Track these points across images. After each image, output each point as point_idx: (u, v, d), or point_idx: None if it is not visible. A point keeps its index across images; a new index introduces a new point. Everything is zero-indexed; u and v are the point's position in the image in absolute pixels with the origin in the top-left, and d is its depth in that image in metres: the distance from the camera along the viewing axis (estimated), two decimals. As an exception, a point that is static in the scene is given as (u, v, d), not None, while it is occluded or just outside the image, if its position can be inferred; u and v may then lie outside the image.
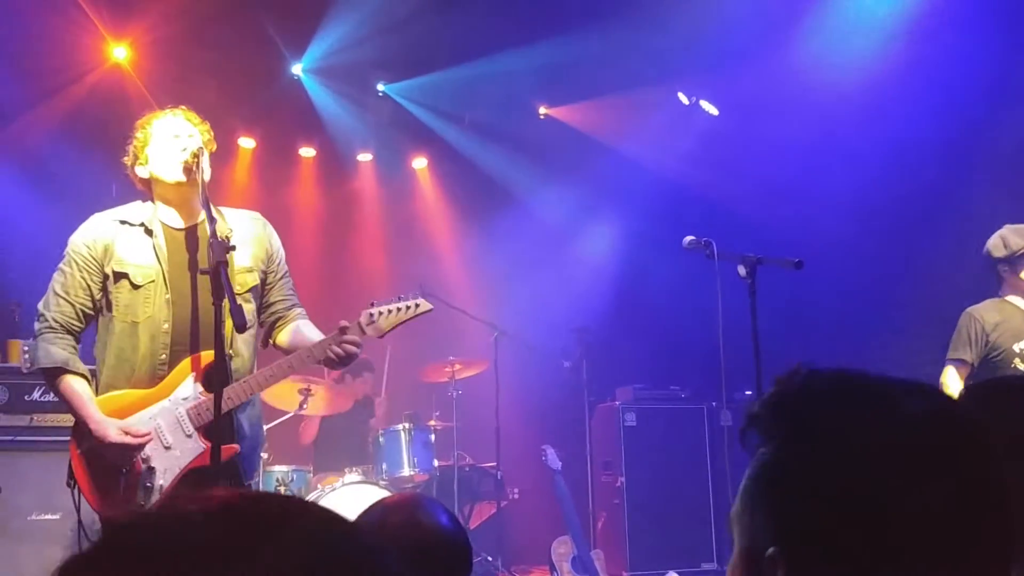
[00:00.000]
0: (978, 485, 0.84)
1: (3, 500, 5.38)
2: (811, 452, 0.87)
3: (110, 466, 3.23)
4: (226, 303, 2.99)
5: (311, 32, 7.55)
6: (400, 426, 6.75)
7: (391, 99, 8.45)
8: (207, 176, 3.36)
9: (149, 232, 3.37)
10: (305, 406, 6.56)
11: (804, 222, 6.90)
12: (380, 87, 8.39)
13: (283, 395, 6.49)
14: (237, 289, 3.34)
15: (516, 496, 7.52)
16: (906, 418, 0.87)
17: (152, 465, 3.24)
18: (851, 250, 6.94)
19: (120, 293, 3.30)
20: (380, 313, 3.48)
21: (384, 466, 6.59)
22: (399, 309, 3.52)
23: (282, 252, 3.67)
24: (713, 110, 8.13)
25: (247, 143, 8.56)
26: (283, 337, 3.57)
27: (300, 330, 3.54)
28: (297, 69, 8.02)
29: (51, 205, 6.71)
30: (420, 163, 9.31)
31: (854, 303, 7.04)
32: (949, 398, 0.92)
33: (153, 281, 3.31)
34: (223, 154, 8.41)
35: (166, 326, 3.29)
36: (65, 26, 6.91)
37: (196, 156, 3.35)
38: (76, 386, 3.28)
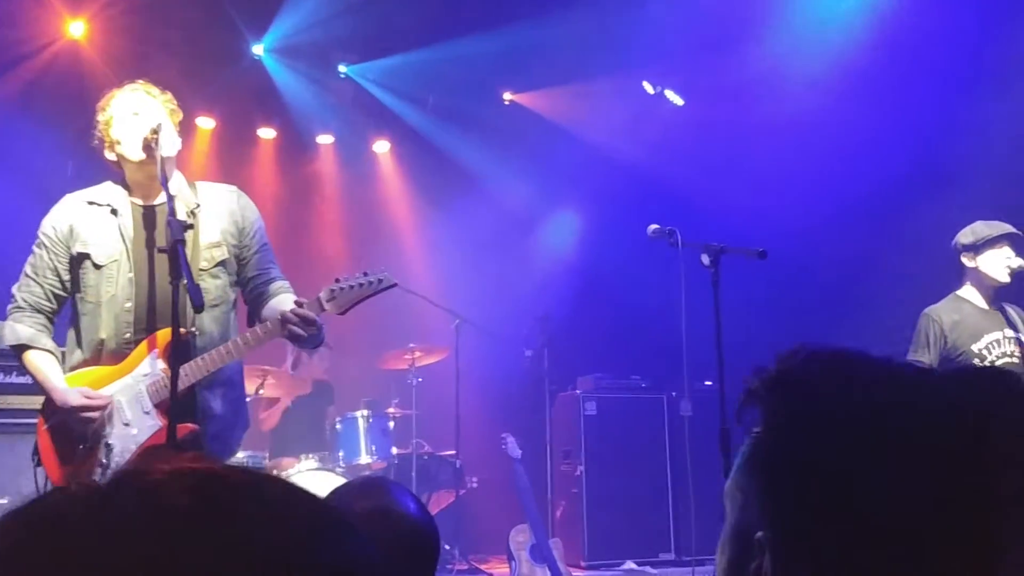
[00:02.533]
0: (986, 478, 0.80)
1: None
2: (807, 435, 0.84)
3: (73, 440, 3.22)
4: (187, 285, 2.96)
5: (272, 12, 7.43)
6: (358, 413, 6.68)
7: (353, 81, 8.35)
8: (177, 146, 3.35)
9: (115, 212, 3.35)
10: (261, 391, 6.46)
11: (768, 213, 6.91)
12: (342, 69, 8.28)
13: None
14: (204, 264, 3.33)
15: (475, 485, 7.48)
16: (911, 404, 0.84)
17: (110, 442, 3.23)
18: (815, 241, 6.97)
19: (86, 274, 3.30)
20: (342, 288, 3.43)
21: (341, 453, 6.52)
22: (361, 284, 3.49)
23: (259, 224, 3.61)
24: (678, 100, 8.13)
25: (206, 123, 8.40)
26: (264, 313, 3.48)
27: (273, 305, 3.47)
28: (258, 49, 7.89)
29: (5, 183, 6.55)
30: (382, 147, 9.21)
31: (817, 294, 7.08)
32: (960, 383, 0.87)
33: (116, 261, 3.29)
34: (182, 134, 8.31)
35: (128, 305, 3.27)
36: (18, 0, 6.74)
37: (155, 132, 3.27)
38: (39, 361, 3.30)
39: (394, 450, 6.76)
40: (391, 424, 6.86)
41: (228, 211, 3.52)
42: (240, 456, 6.08)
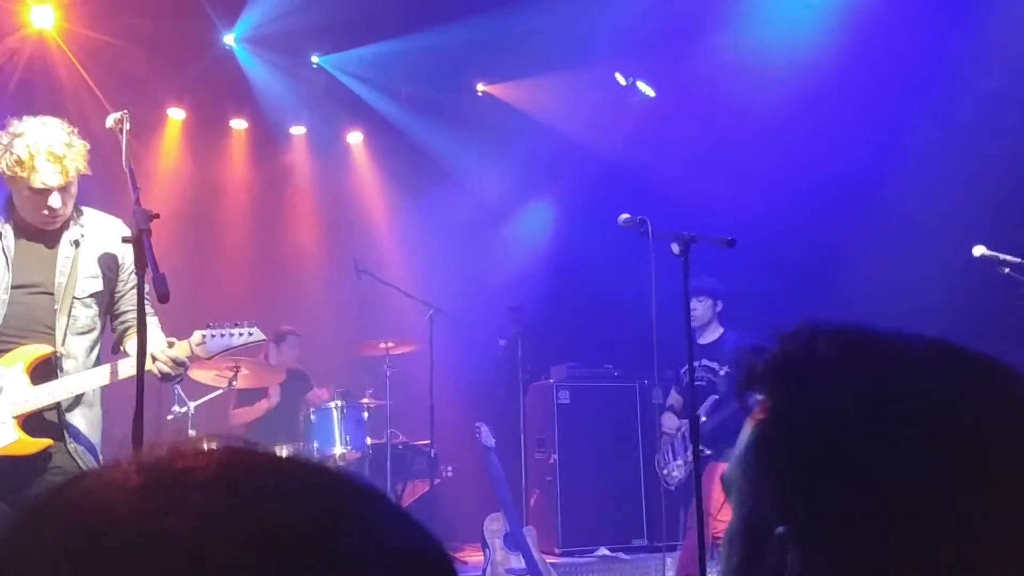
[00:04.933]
0: (1010, 460, 0.76)
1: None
2: (820, 420, 0.79)
3: None
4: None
5: (243, 1, 7.37)
6: (332, 403, 6.68)
7: (326, 71, 8.31)
8: (124, 150, 3.26)
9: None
10: (235, 382, 6.43)
11: (739, 203, 6.97)
12: (315, 59, 8.24)
13: (212, 371, 6.37)
14: (79, 293, 3.43)
15: (449, 474, 7.50)
16: (931, 383, 0.78)
17: None
18: (785, 230, 7.03)
19: None
20: (212, 336, 3.54)
21: (315, 444, 6.52)
22: (232, 335, 3.59)
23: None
24: (650, 91, 8.16)
25: (177, 114, 8.34)
26: (130, 345, 3.52)
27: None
28: (229, 39, 7.82)
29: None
30: (355, 137, 9.18)
31: (787, 282, 7.15)
32: (980, 358, 0.82)
33: None
34: (152, 125, 8.29)
35: None
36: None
37: (119, 122, 3.26)
38: None
39: (368, 440, 6.77)
40: (365, 414, 6.87)
41: (110, 245, 3.54)
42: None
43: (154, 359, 3.32)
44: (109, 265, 3.53)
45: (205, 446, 0.57)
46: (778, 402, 0.82)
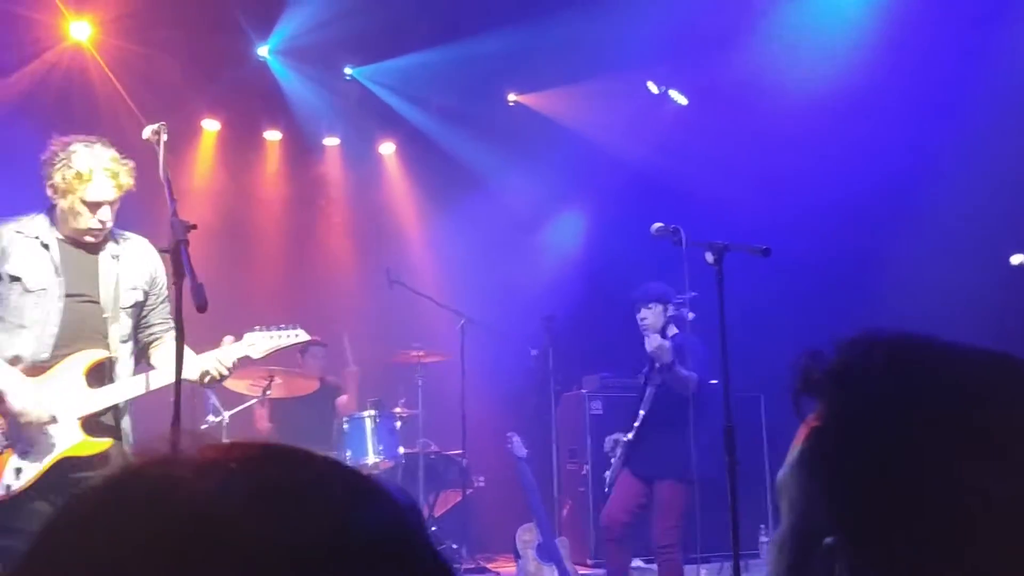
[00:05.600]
0: None
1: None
2: (876, 429, 0.77)
3: None
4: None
5: (277, 13, 7.44)
6: (365, 413, 6.70)
7: (359, 83, 8.36)
8: (161, 161, 3.38)
9: (45, 246, 3.54)
10: (269, 391, 6.47)
11: (773, 211, 6.92)
12: (348, 70, 8.30)
13: (247, 380, 6.41)
14: (124, 303, 3.63)
15: (481, 483, 7.49)
16: (989, 396, 0.77)
17: (28, 448, 3.39)
18: (819, 239, 6.98)
19: (11, 295, 3.47)
20: (262, 337, 3.82)
21: (348, 453, 6.53)
22: (280, 336, 3.89)
23: (164, 279, 3.82)
24: (682, 100, 8.13)
25: (211, 125, 8.43)
26: (157, 356, 3.75)
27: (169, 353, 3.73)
28: (263, 51, 7.90)
29: (8, 188, 6.56)
30: (388, 148, 9.22)
31: (821, 291, 7.09)
32: None
33: (44, 289, 3.48)
34: (187, 136, 8.37)
35: (54, 329, 3.47)
36: (21, 2, 6.76)
37: (157, 132, 3.33)
38: None
39: (401, 449, 6.78)
40: (398, 424, 6.88)
41: (145, 260, 3.76)
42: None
43: (212, 361, 3.57)
44: (144, 280, 3.72)
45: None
46: (834, 410, 0.81)
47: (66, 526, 0.54)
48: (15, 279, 3.46)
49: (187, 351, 3.56)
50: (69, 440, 3.45)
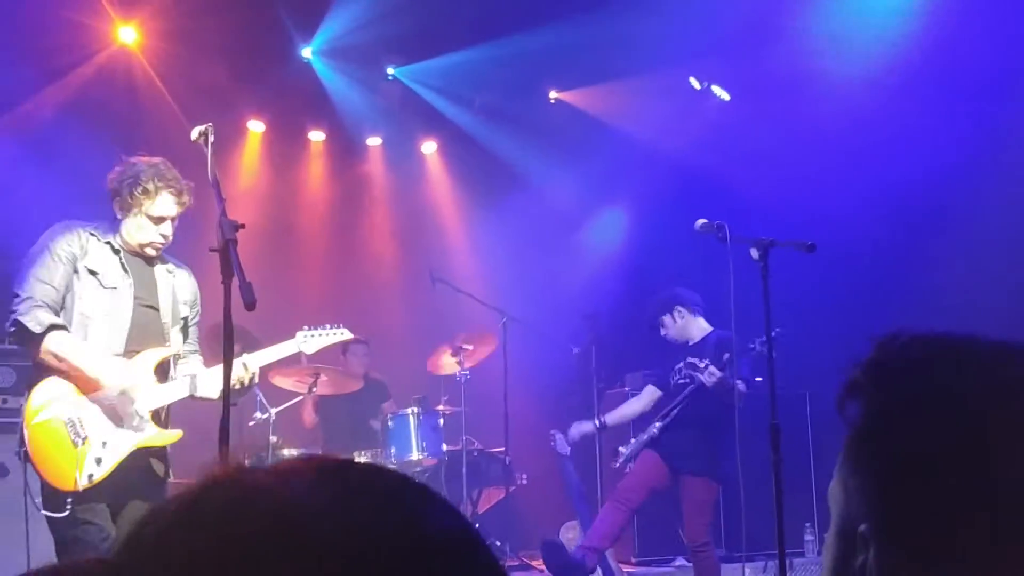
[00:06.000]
0: None
1: (10, 481, 5.38)
2: (908, 424, 0.78)
3: (63, 436, 3.55)
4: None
5: (320, 14, 7.51)
6: (409, 410, 6.74)
7: (401, 82, 8.41)
8: (209, 162, 3.49)
9: (116, 251, 3.82)
10: (315, 388, 6.54)
11: (817, 207, 6.84)
12: (390, 70, 8.34)
13: (293, 378, 6.49)
14: (182, 312, 3.98)
15: (524, 481, 7.50)
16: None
17: (105, 440, 3.59)
18: (864, 235, 6.89)
19: (86, 290, 3.69)
20: (312, 335, 4.25)
21: (393, 450, 6.58)
22: (326, 334, 4.30)
23: (199, 307, 4.18)
24: (725, 95, 8.07)
25: (256, 126, 8.52)
26: (182, 369, 4.01)
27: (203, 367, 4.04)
28: (307, 52, 7.97)
29: (58, 188, 6.69)
30: (430, 147, 9.26)
31: (867, 288, 7.00)
32: None
33: (116, 288, 3.74)
34: (232, 137, 8.47)
35: (127, 325, 3.74)
36: (72, 6, 6.88)
37: (204, 133, 3.42)
38: (75, 342, 3.62)
39: (444, 447, 6.81)
40: (441, 421, 6.91)
41: (191, 282, 4.11)
42: (293, 452, 6.18)
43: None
44: (190, 300, 4.07)
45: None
46: (871, 405, 0.82)
47: (151, 535, 0.56)
48: (93, 273, 3.70)
49: (204, 368, 3.93)
50: (145, 431, 3.70)
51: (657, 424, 5.65)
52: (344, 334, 4.36)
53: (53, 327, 3.60)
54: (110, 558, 0.57)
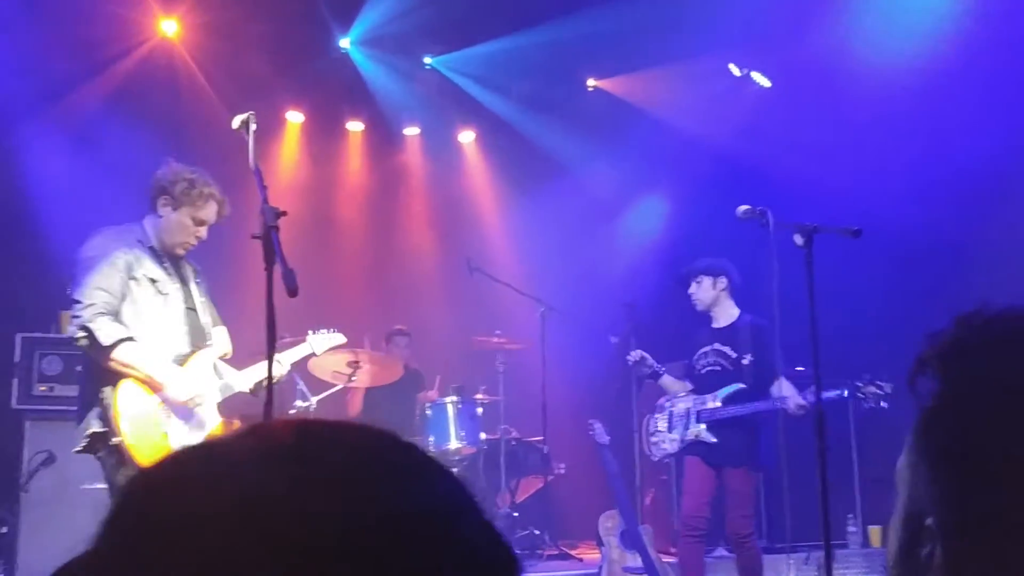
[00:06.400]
0: None
1: (58, 469, 5.46)
2: (986, 411, 0.74)
3: (156, 429, 3.69)
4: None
5: (358, 5, 7.52)
6: (447, 399, 6.76)
7: (438, 72, 8.40)
8: (251, 150, 3.52)
9: (159, 256, 3.92)
10: (354, 378, 6.57)
11: (860, 194, 6.75)
12: (427, 60, 8.34)
13: (332, 368, 6.52)
14: (210, 311, 4.11)
15: (562, 470, 7.49)
16: None
17: (181, 439, 3.74)
18: (910, 221, 6.78)
19: (143, 296, 3.78)
20: (318, 338, 4.71)
21: (431, 438, 6.60)
22: (327, 338, 4.76)
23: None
24: (765, 82, 7.98)
25: (295, 117, 8.57)
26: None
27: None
28: (345, 43, 7.99)
29: (101, 179, 6.77)
30: (467, 136, 9.26)
31: (913, 275, 6.89)
32: None
33: (168, 294, 3.87)
34: (272, 128, 8.52)
35: (185, 328, 3.90)
36: (116, 0, 6.96)
37: (245, 122, 3.47)
38: (146, 352, 3.71)
39: (482, 435, 6.82)
40: (479, 410, 6.92)
41: (204, 281, 4.22)
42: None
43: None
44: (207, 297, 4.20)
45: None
46: (946, 386, 0.78)
47: (125, 506, 0.58)
48: (153, 281, 3.83)
49: (230, 369, 4.08)
50: (212, 422, 3.92)
51: (703, 428, 5.56)
52: (339, 338, 4.80)
53: (129, 340, 3.67)
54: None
